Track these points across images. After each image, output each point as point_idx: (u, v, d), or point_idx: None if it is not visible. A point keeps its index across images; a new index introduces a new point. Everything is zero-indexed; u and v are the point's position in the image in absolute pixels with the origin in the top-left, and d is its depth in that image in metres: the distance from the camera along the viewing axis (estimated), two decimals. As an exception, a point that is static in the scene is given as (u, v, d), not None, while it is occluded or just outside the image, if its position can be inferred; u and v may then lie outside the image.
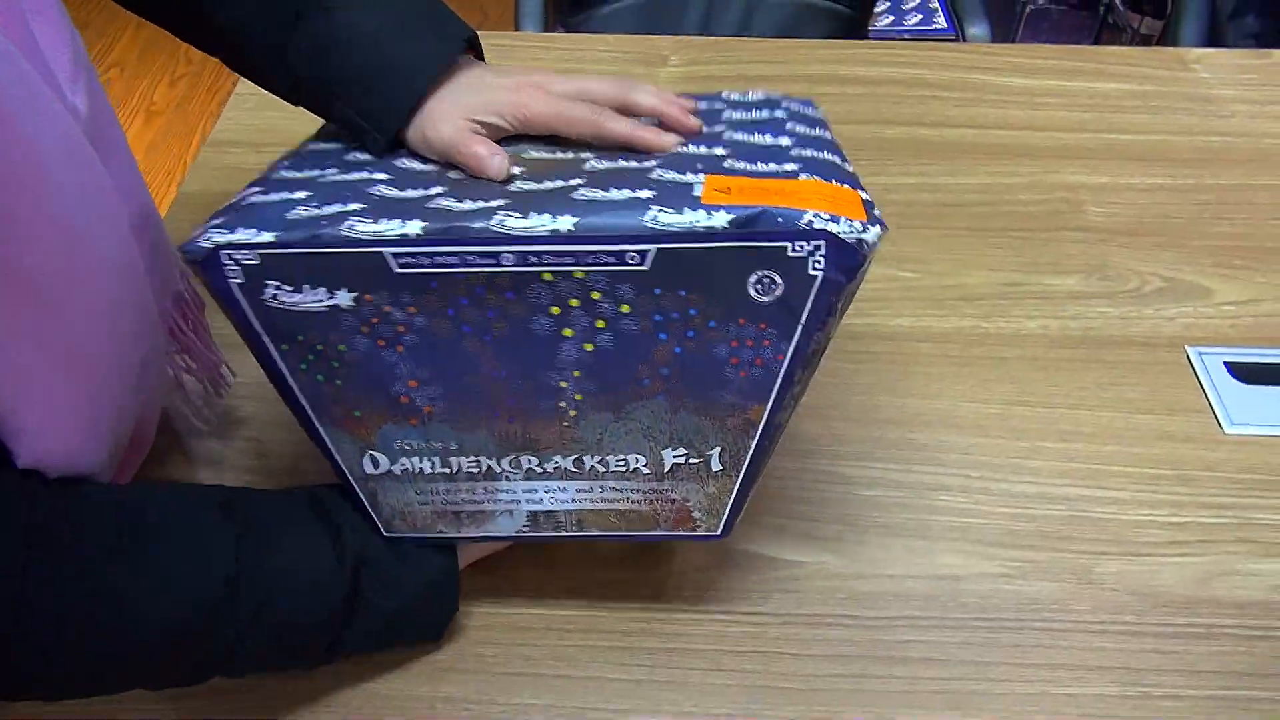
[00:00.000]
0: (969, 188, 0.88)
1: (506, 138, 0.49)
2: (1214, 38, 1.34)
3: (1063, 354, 0.73)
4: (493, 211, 0.41)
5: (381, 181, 0.46)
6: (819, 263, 0.40)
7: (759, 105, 0.53)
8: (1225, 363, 0.72)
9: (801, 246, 0.40)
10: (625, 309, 0.42)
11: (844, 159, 0.47)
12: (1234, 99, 0.97)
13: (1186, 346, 0.74)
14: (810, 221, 0.39)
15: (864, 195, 0.42)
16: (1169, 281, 0.79)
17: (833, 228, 0.39)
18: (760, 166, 0.44)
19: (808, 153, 0.46)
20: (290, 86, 0.52)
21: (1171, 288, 0.78)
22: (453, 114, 0.48)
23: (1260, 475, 0.66)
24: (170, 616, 0.44)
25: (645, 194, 0.42)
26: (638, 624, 0.58)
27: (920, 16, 1.87)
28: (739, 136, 0.49)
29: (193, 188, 0.87)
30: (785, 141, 0.47)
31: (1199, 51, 1.05)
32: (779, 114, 0.52)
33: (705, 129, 0.50)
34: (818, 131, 0.50)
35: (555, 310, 0.42)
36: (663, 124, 0.50)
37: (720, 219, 0.39)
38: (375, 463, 0.49)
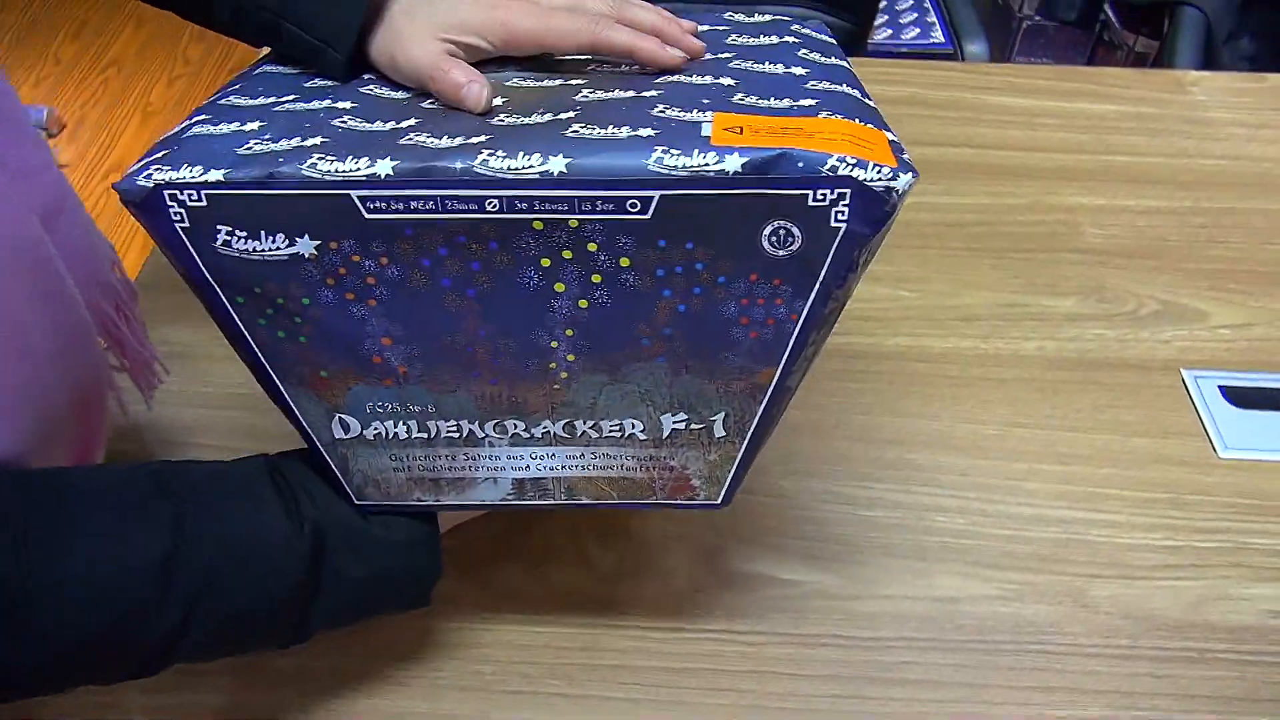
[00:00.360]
0: (967, 207, 0.88)
1: (488, 61, 0.45)
2: (1209, 58, 1.35)
3: (1060, 376, 0.74)
4: (475, 150, 0.37)
5: (346, 112, 0.41)
6: (842, 213, 0.36)
7: (766, 29, 0.48)
8: (1220, 387, 0.73)
9: (824, 195, 0.36)
10: (625, 262, 0.38)
11: (865, 93, 0.42)
12: (1230, 122, 0.98)
13: (1182, 370, 0.74)
14: (834, 166, 0.35)
15: (890, 135, 0.38)
16: (1165, 304, 0.79)
17: (859, 174, 0.35)
18: (774, 102, 0.40)
19: (825, 85, 0.42)
20: (232, 14, 0.47)
21: (1167, 310, 0.79)
22: (424, 33, 0.43)
23: (1253, 500, 0.66)
24: (98, 602, 0.40)
25: (647, 132, 0.37)
26: (636, 643, 0.58)
27: (918, 30, 1.88)
28: (747, 65, 0.44)
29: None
30: (800, 71, 0.43)
31: (1195, 74, 1.06)
32: (790, 39, 0.47)
33: (709, 55, 0.46)
34: (833, 60, 0.45)
35: (546, 262, 0.38)
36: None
37: (733, 162, 0.35)
38: (345, 427, 0.45)
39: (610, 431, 0.45)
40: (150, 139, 2.13)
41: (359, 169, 0.36)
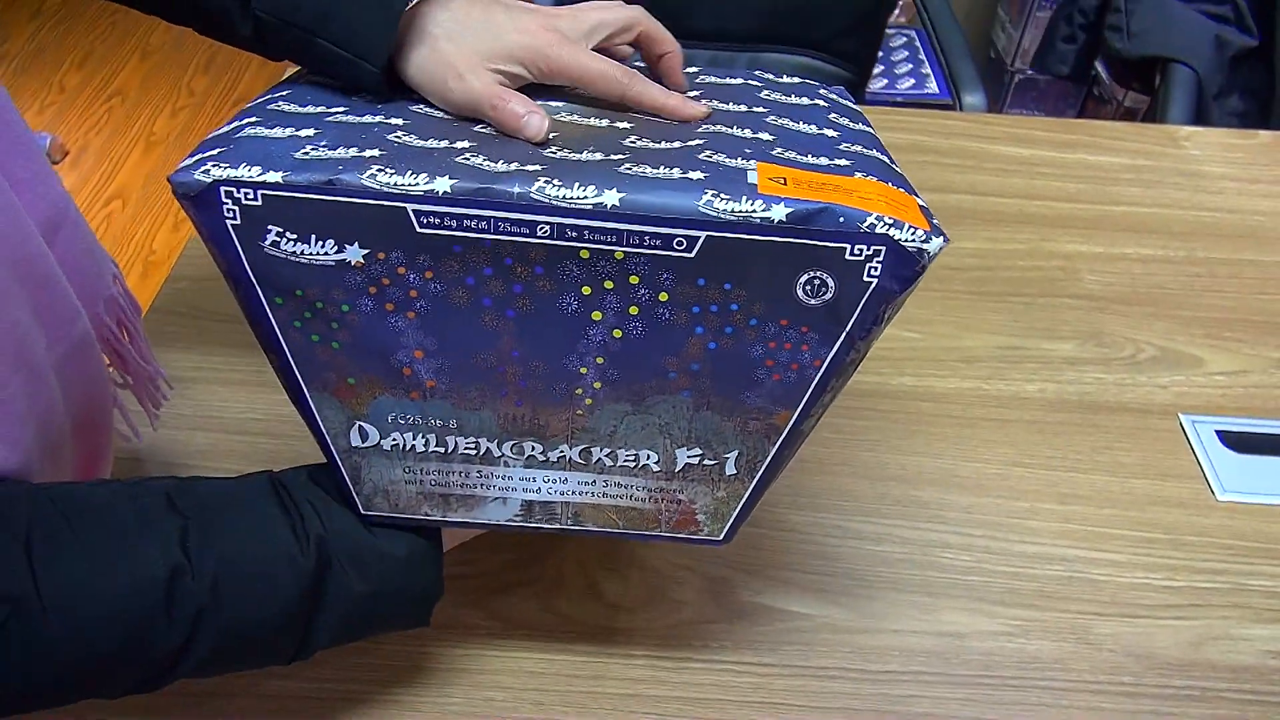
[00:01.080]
0: (969, 252, 0.90)
1: (528, 89, 0.46)
2: (1199, 114, 1.39)
3: (1060, 417, 0.75)
4: (532, 176, 0.38)
5: (399, 128, 0.42)
6: (875, 269, 0.38)
7: (797, 90, 0.51)
8: (1217, 431, 0.74)
9: (860, 250, 0.38)
10: (663, 297, 0.40)
11: (892, 159, 0.45)
12: (1222, 176, 1.01)
13: (1180, 414, 0.76)
14: (873, 224, 0.37)
15: (920, 201, 0.41)
16: (1162, 350, 0.81)
17: (895, 233, 0.38)
18: (811, 159, 0.42)
19: (856, 148, 0.44)
20: (255, 30, 0.47)
21: (1165, 356, 0.81)
22: (475, 63, 0.45)
23: (1251, 542, 0.67)
24: (105, 616, 0.41)
25: (697, 175, 0.39)
26: (647, 672, 0.59)
27: (913, 81, 1.92)
28: (782, 122, 0.46)
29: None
30: (831, 133, 0.45)
31: (1189, 129, 1.09)
32: (819, 102, 0.49)
33: (745, 107, 0.48)
34: (860, 125, 0.48)
35: (587, 291, 0.39)
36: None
37: (779, 211, 0.37)
38: (364, 435, 0.45)
39: (625, 461, 0.46)
40: (152, 169, 2.14)
41: (418, 184, 0.37)
